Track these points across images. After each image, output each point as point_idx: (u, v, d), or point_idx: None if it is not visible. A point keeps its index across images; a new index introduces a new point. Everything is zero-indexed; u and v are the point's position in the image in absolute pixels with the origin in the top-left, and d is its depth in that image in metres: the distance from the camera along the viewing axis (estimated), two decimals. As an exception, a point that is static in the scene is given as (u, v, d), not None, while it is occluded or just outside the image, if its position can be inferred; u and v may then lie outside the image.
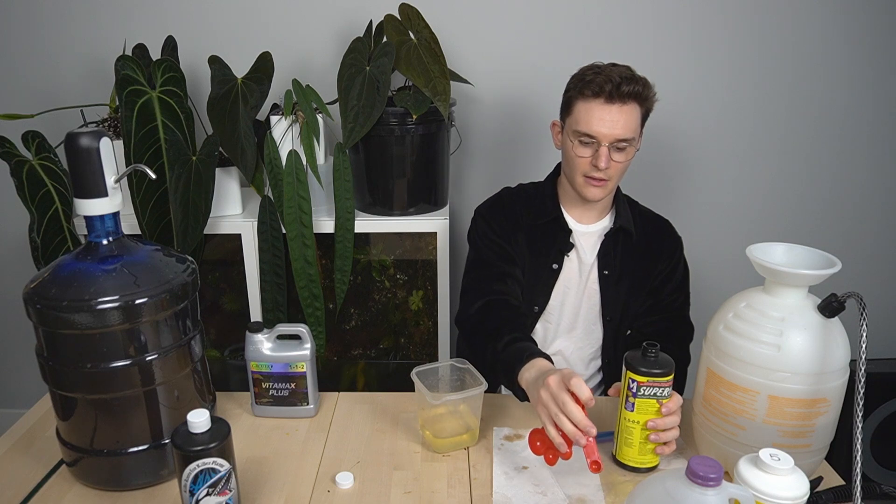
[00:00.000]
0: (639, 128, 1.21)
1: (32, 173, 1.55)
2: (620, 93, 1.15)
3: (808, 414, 0.87)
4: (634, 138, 1.19)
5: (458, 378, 1.09)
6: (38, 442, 1.06)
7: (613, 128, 1.16)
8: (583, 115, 1.18)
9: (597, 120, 1.17)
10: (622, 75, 1.16)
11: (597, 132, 1.17)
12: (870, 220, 1.95)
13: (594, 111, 1.17)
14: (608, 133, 1.17)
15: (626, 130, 1.17)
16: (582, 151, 1.20)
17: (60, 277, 0.87)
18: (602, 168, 1.18)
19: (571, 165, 1.24)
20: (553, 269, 1.30)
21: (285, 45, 1.80)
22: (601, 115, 1.17)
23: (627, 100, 1.16)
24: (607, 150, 1.17)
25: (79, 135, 0.86)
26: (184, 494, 0.82)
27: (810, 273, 0.86)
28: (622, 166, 1.21)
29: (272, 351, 1.08)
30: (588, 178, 1.21)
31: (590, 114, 1.17)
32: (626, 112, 1.17)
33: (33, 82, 1.86)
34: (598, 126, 1.17)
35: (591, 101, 1.17)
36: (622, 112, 1.17)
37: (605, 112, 1.16)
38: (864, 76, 1.81)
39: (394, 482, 0.97)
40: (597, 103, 1.17)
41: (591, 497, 0.93)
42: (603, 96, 1.16)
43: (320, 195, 1.68)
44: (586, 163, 1.20)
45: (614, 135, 1.17)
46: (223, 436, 0.82)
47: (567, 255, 1.30)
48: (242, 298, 1.72)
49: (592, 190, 1.22)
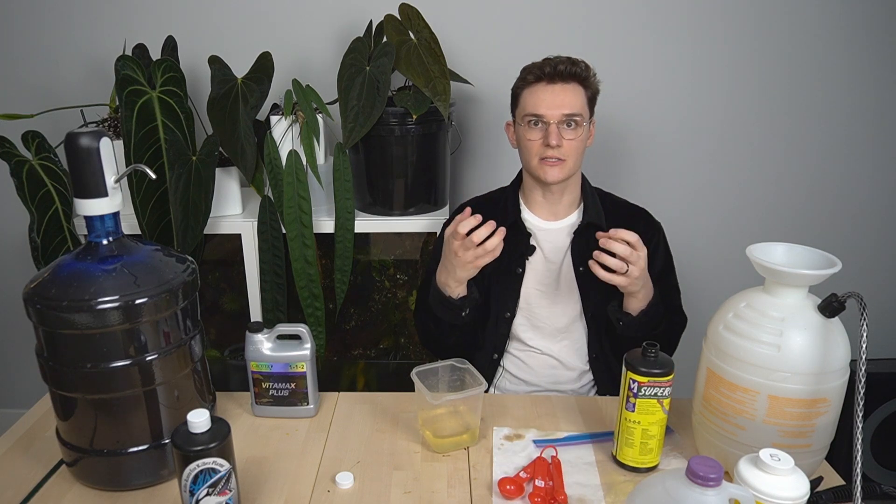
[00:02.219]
0: (586, 108, 1.25)
1: (32, 173, 1.55)
2: (559, 72, 1.22)
3: (808, 414, 0.87)
4: (582, 115, 1.23)
5: (458, 378, 1.09)
6: (38, 442, 1.06)
7: (560, 106, 1.21)
8: (529, 100, 1.24)
9: (542, 100, 1.22)
10: (559, 59, 1.23)
11: (544, 112, 1.22)
12: (870, 220, 1.95)
13: (538, 93, 1.23)
14: (555, 111, 1.21)
15: (573, 107, 1.22)
16: (533, 134, 1.24)
17: (60, 277, 0.87)
18: (553, 145, 1.21)
19: (526, 151, 1.27)
20: (517, 273, 1.31)
21: (285, 45, 1.80)
22: (544, 96, 1.22)
23: (568, 79, 1.22)
24: (556, 128, 1.21)
25: (79, 135, 0.86)
26: (184, 494, 0.82)
27: (810, 273, 0.86)
28: (575, 144, 1.23)
29: (272, 351, 1.08)
30: (543, 160, 1.24)
31: (535, 96, 1.23)
32: (568, 90, 1.22)
33: (33, 82, 1.86)
34: (544, 107, 1.22)
35: (534, 85, 1.24)
36: (565, 90, 1.22)
37: (547, 92, 1.22)
38: (865, 76, 1.81)
39: (394, 482, 0.97)
40: (540, 86, 1.23)
41: (591, 497, 0.93)
42: (544, 79, 1.23)
43: (320, 195, 1.68)
44: (538, 145, 1.24)
45: (561, 111, 1.21)
46: (223, 436, 0.82)
47: (529, 257, 1.30)
48: (242, 298, 1.72)
49: (550, 171, 1.24)
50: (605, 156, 1.90)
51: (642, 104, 1.85)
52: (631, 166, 1.91)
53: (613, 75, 1.82)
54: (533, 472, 0.96)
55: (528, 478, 0.95)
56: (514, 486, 0.93)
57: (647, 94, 1.84)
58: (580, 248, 1.29)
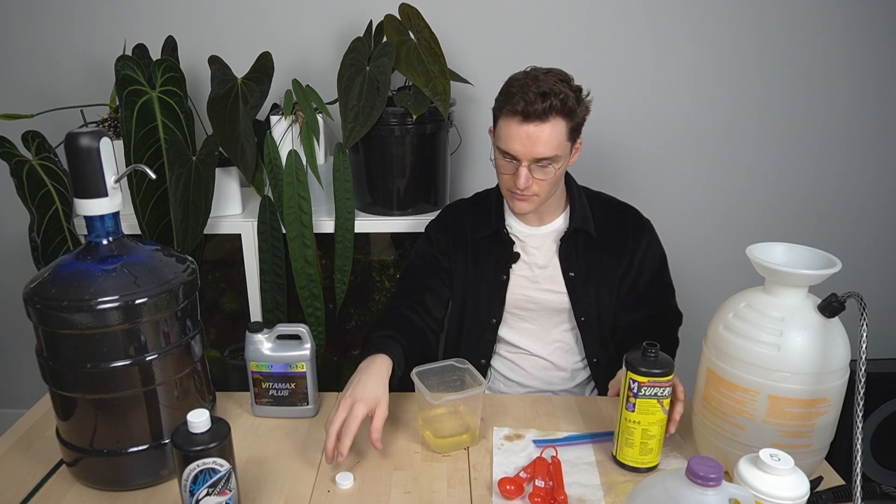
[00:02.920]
0: (564, 143, 1.14)
1: (32, 173, 1.55)
2: (535, 111, 1.09)
3: (808, 414, 0.87)
4: (557, 155, 1.13)
5: (458, 378, 1.09)
6: (38, 442, 1.06)
7: (531, 147, 1.12)
8: (503, 133, 1.15)
9: (514, 139, 1.13)
10: (539, 91, 1.09)
11: (516, 151, 1.13)
12: (870, 220, 1.95)
13: (512, 129, 1.13)
14: (526, 153, 1.13)
15: (546, 149, 1.12)
16: (505, 168, 1.18)
17: (60, 277, 0.87)
18: (521, 187, 1.15)
19: (499, 178, 1.23)
20: (502, 280, 1.30)
21: (285, 45, 1.80)
22: (517, 135, 1.12)
23: (546, 116, 1.10)
24: (526, 170, 1.14)
25: (79, 135, 0.86)
26: (184, 494, 0.82)
27: (810, 273, 0.86)
28: (546, 183, 1.16)
29: (272, 351, 1.08)
30: (513, 193, 1.19)
31: (508, 132, 1.14)
32: (545, 129, 1.11)
33: (33, 82, 1.86)
34: (516, 146, 1.13)
35: (510, 118, 1.13)
36: (541, 130, 1.11)
37: (521, 131, 1.12)
38: (866, 76, 1.81)
39: (394, 482, 0.97)
40: (514, 122, 1.12)
41: (591, 497, 0.93)
42: (519, 115, 1.11)
43: (320, 195, 1.68)
44: (509, 179, 1.18)
45: (533, 154, 1.12)
46: (223, 436, 0.82)
47: (513, 265, 1.30)
48: (242, 298, 1.72)
49: (519, 204, 1.20)
50: (605, 156, 1.90)
51: (642, 104, 1.85)
52: (631, 166, 1.91)
53: (613, 75, 1.82)
54: (533, 472, 0.96)
55: (528, 478, 0.95)
56: (514, 486, 0.93)
57: (648, 93, 1.84)
58: (567, 254, 1.28)
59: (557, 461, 0.99)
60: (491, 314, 1.32)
